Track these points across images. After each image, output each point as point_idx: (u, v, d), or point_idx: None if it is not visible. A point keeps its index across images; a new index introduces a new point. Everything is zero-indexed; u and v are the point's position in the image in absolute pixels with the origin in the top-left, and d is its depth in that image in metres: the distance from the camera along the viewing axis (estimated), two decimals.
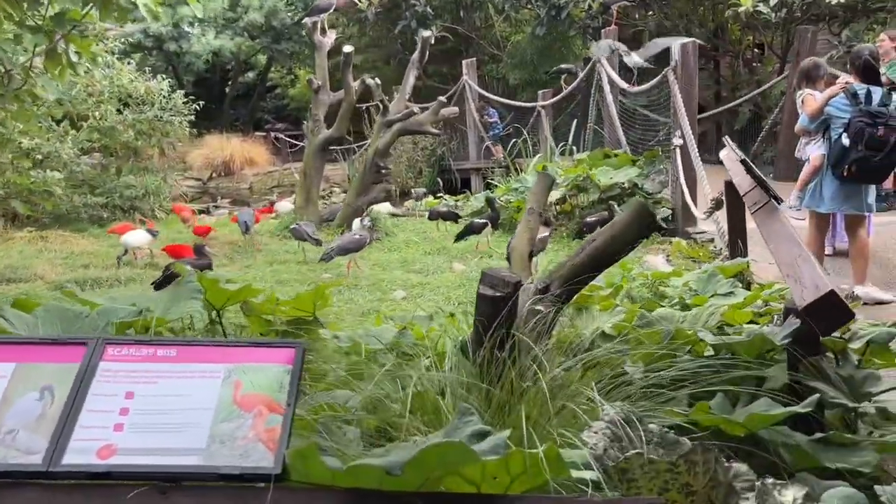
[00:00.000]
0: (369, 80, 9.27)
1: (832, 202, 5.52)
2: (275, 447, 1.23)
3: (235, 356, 1.37)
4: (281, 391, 1.32)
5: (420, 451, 1.14)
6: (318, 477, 1.19)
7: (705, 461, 1.43)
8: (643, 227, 2.81)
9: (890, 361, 3.33)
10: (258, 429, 1.27)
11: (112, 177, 11.06)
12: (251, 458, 1.23)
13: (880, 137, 5.01)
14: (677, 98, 7.20)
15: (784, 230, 3.12)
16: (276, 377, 1.33)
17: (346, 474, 1.16)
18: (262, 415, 1.28)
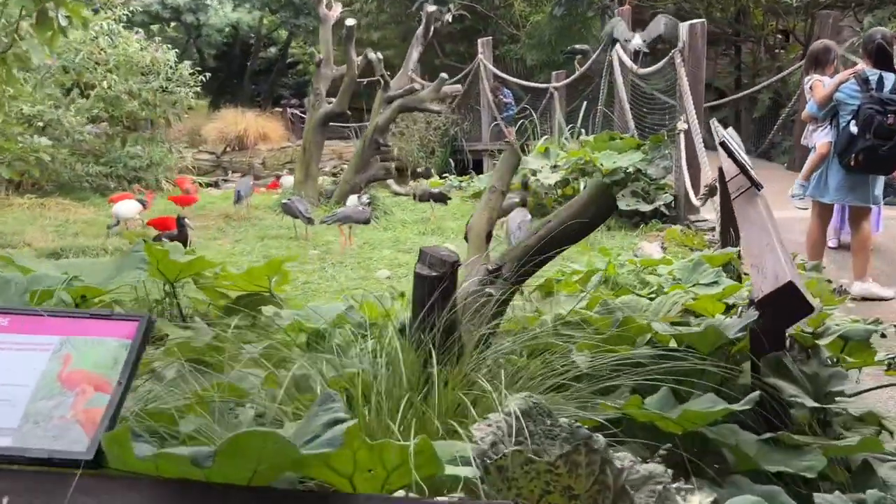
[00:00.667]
0: (371, 54, 9.11)
1: (837, 192, 5.30)
2: (93, 430, 1.12)
3: (72, 328, 1.25)
4: (114, 368, 1.20)
5: (229, 441, 1.01)
6: (135, 465, 1.07)
7: (589, 462, 1.29)
8: (602, 208, 2.66)
9: (868, 360, 3.17)
10: (77, 409, 1.15)
11: (117, 146, 11.03)
12: (64, 440, 1.11)
13: (890, 126, 4.78)
14: (683, 81, 6.97)
15: (758, 218, 2.95)
16: (111, 352, 1.21)
17: (150, 463, 1.05)
18: (85, 393, 1.16)
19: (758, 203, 3.10)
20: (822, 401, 2.53)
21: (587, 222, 2.67)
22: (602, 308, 3.01)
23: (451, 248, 2.35)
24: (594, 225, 2.71)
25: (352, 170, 8.86)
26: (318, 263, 5.95)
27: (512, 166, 3.14)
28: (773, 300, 2.26)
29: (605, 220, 2.69)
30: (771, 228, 2.78)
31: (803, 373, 2.60)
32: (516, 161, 3.15)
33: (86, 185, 10.12)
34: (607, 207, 2.66)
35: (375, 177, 8.72)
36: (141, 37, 11.32)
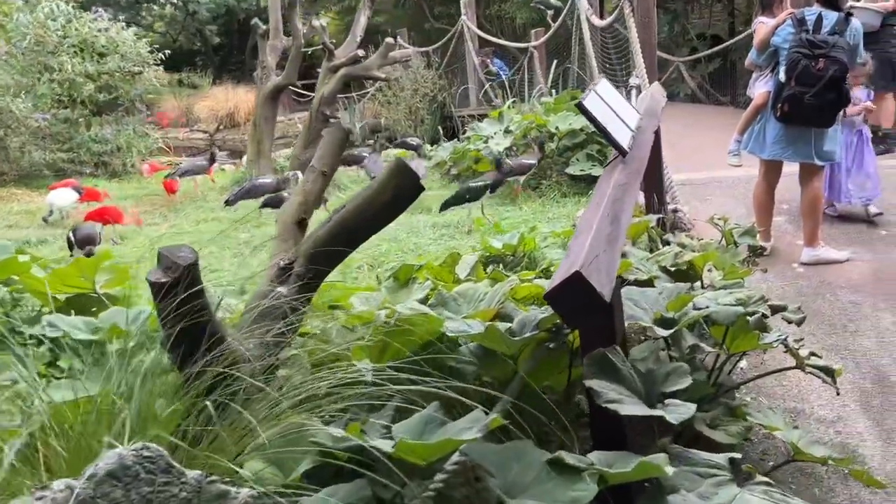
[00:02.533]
0: (316, 21, 8.70)
1: (774, 146, 4.85)
2: None
3: None
4: None
5: None
6: None
7: None
8: (403, 190, 2.30)
9: (749, 343, 2.81)
10: None
11: (82, 131, 10.81)
12: None
13: (817, 71, 4.30)
14: (632, 32, 6.48)
15: (599, 192, 2.57)
16: None
17: None
18: None
19: (613, 174, 2.72)
20: (654, 403, 2.20)
21: (387, 207, 2.32)
22: (435, 300, 2.68)
23: (191, 248, 2.02)
24: (396, 209, 2.35)
25: (301, 145, 8.51)
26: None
27: (335, 142, 2.78)
28: (561, 293, 1.91)
29: (410, 202, 2.33)
30: (606, 202, 2.40)
31: (637, 371, 2.25)
32: (342, 137, 2.79)
33: (47, 172, 9.93)
34: (410, 188, 2.29)
35: None
36: (99, 15, 11.01)
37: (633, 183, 2.74)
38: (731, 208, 6.23)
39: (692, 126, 11.08)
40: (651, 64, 6.53)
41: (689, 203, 6.42)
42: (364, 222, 2.32)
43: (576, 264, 1.92)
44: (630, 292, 2.74)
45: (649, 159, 4.48)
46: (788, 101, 4.36)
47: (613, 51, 8.24)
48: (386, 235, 5.83)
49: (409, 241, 5.56)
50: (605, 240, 2.17)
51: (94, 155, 10.67)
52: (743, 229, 4.44)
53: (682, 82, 14.24)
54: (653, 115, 3.89)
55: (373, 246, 5.58)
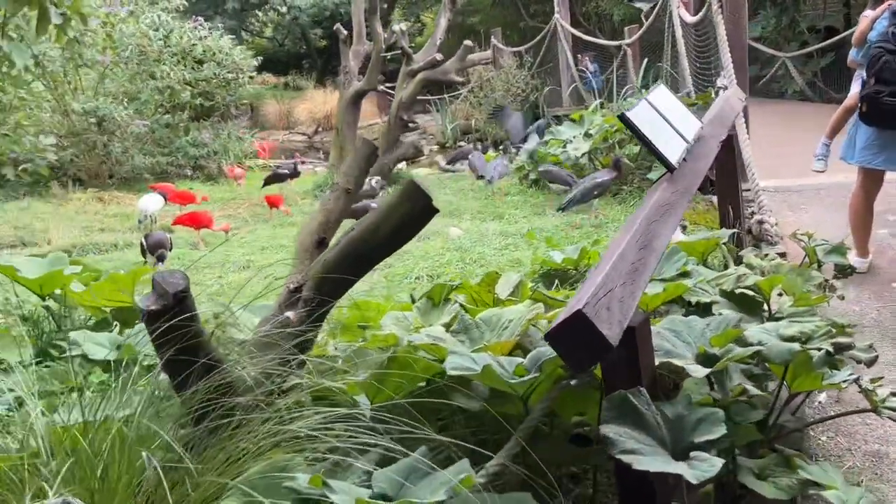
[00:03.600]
0: (396, 26, 8.66)
1: (863, 152, 4.40)
2: None
3: None
4: None
5: None
6: None
7: None
8: (414, 212, 2.17)
9: (813, 383, 2.51)
10: None
11: (181, 136, 11.28)
12: None
13: (892, 67, 3.87)
14: (720, 30, 6.07)
15: (639, 211, 2.35)
16: None
17: None
18: None
19: (656, 192, 2.48)
20: (678, 454, 1.97)
21: (397, 231, 2.19)
22: (458, 326, 2.53)
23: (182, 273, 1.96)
24: (407, 233, 2.22)
25: (380, 150, 8.51)
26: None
27: (363, 158, 2.68)
28: (561, 334, 1.72)
29: (422, 226, 2.20)
30: (639, 225, 2.18)
31: (664, 416, 2.03)
32: (370, 153, 2.69)
33: (148, 176, 10.42)
34: (422, 210, 2.16)
35: (405, 156, 8.34)
36: (199, 24, 11.46)
37: (678, 202, 2.49)
38: (827, 219, 5.75)
39: (796, 127, 10.37)
40: (741, 63, 6.11)
41: (779, 213, 5.96)
42: (373, 246, 2.21)
43: (581, 301, 1.73)
44: (673, 323, 2.50)
45: (724, 169, 4.16)
46: (867, 101, 3.94)
47: (704, 49, 7.77)
48: (451, 245, 5.72)
49: (473, 251, 5.42)
50: (626, 270, 1.96)
51: (191, 159, 11.12)
52: (830, 246, 4.03)
53: (791, 79, 13.38)
54: (722, 122, 3.58)
55: (437, 254, 5.48)
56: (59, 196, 9.51)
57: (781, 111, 12.38)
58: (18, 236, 7.05)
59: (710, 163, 3.06)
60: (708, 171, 4.55)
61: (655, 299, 3.19)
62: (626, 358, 2.05)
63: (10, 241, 6.95)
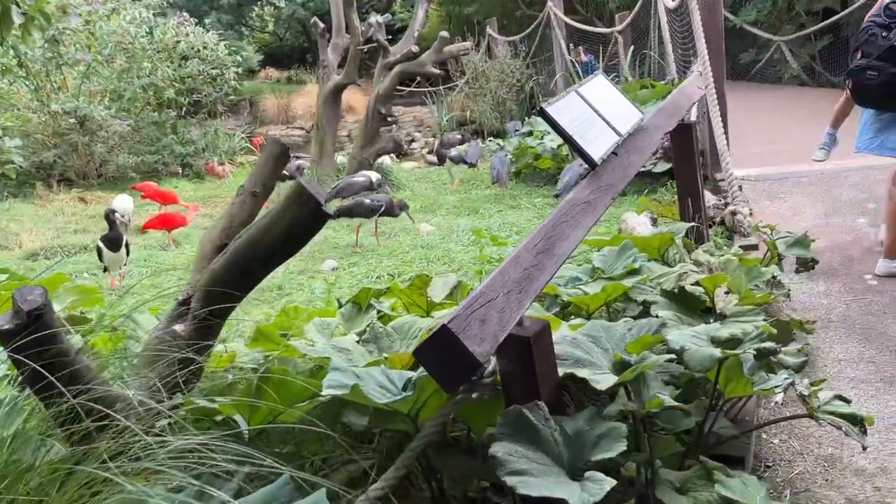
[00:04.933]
0: (373, 17, 8.52)
1: (862, 136, 4.20)
2: None
3: None
4: None
5: None
6: None
7: None
8: (302, 217, 2.05)
9: (743, 388, 2.37)
10: None
11: (168, 133, 11.20)
12: None
13: (884, 40, 3.67)
14: (695, 15, 5.88)
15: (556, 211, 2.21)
16: None
17: None
18: None
19: (580, 191, 2.34)
20: (576, 473, 1.85)
21: (285, 239, 2.07)
22: (368, 335, 2.41)
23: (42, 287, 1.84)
24: (296, 241, 2.10)
25: (358, 144, 8.39)
26: None
27: (272, 157, 2.56)
28: (428, 351, 1.60)
29: (314, 230, 2.07)
30: (543, 227, 2.04)
31: (563, 432, 1.91)
32: (278, 154, 2.56)
33: (133, 175, 10.34)
34: (310, 215, 2.03)
35: (384, 150, 8.20)
36: (184, 20, 11.35)
37: (598, 201, 2.35)
38: (806, 209, 5.58)
39: (791, 113, 10.14)
40: (717, 50, 5.91)
41: (758, 202, 5.80)
42: (261, 254, 2.09)
43: (452, 314, 1.61)
44: (593, 328, 2.37)
45: (681, 161, 4.00)
46: (851, 76, 3.75)
47: (686, 35, 7.57)
48: (419, 241, 5.60)
49: (440, 248, 5.29)
50: (515, 278, 1.83)
51: (178, 157, 11.04)
52: (793, 239, 3.88)
53: (787, 64, 13.12)
54: (672, 112, 3.43)
55: (402, 252, 5.36)
56: (43, 197, 9.47)
57: (777, 97, 12.15)
58: None
59: (648, 156, 2.92)
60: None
61: (595, 300, 3.06)
62: (521, 370, 1.93)
63: None
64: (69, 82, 10.58)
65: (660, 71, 9.60)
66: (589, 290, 3.14)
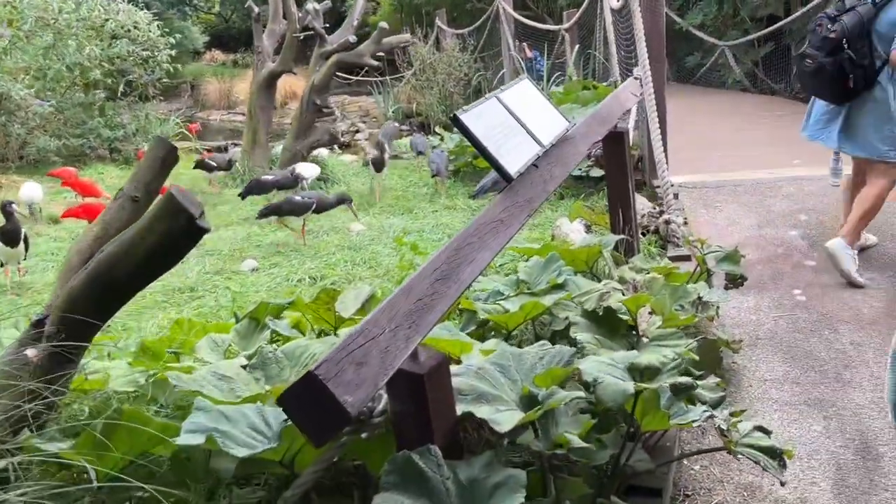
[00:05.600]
0: (309, 4, 8.21)
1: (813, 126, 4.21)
2: None
3: None
4: None
5: None
6: None
7: None
8: (174, 232, 1.81)
9: (660, 422, 2.23)
10: None
11: (96, 116, 10.66)
12: None
13: (826, 34, 3.69)
14: (636, 17, 5.78)
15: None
16: None
17: None
18: None
19: (493, 207, 2.15)
20: None
21: (155, 255, 1.83)
22: (256, 360, 2.18)
23: None
24: (170, 256, 1.86)
25: (291, 136, 8.09)
26: None
27: (156, 160, 2.30)
28: (295, 398, 1.39)
29: (188, 246, 1.84)
30: (443, 251, 1.85)
31: (457, 480, 1.72)
32: (165, 156, 2.31)
33: (55, 159, 9.80)
34: (183, 229, 1.80)
35: (319, 142, 7.92)
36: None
37: (513, 217, 2.17)
38: (741, 218, 5.53)
39: (731, 119, 10.20)
40: (657, 53, 5.82)
41: (693, 211, 5.74)
42: (125, 273, 1.84)
43: (321, 358, 1.40)
44: (502, 356, 2.19)
45: (611, 169, 3.87)
46: (796, 62, 3.77)
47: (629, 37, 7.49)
48: (346, 242, 5.37)
49: (367, 250, 5.06)
50: (406, 311, 1.63)
51: (105, 141, 10.52)
52: (723, 254, 3.79)
53: (730, 69, 13.25)
54: (603, 120, 3.28)
55: (328, 253, 5.12)
56: None
57: (720, 101, 12.25)
58: None
59: (573, 168, 2.75)
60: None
61: (514, 318, 2.90)
62: (413, 410, 1.74)
63: None
64: None
65: (605, 72, 9.53)
66: (509, 307, 2.98)
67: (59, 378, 1.87)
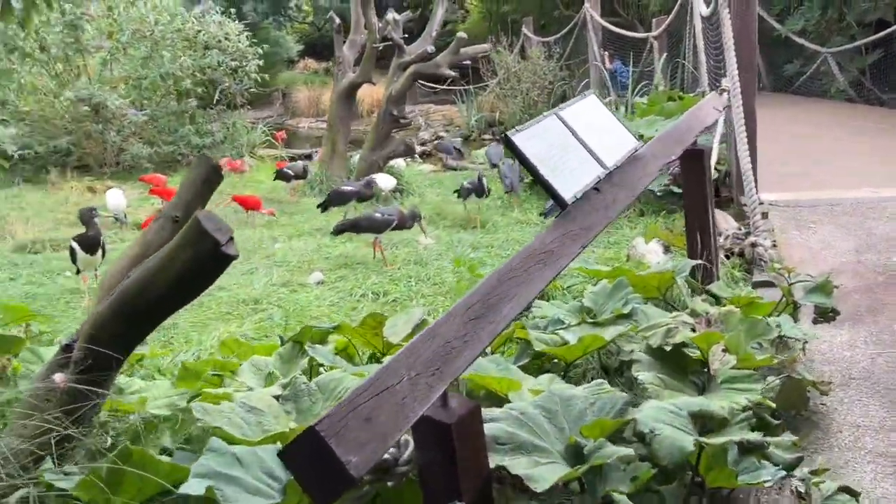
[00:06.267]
0: (390, 15, 8.18)
1: None
2: None
3: None
4: None
5: None
6: None
7: None
8: (199, 259, 1.73)
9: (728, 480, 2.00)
10: None
11: (186, 124, 11.03)
12: None
13: None
14: (725, 25, 5.45)
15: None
16: None
17: None
18: None
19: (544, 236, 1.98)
20: None
21: (181, 281, 1.76)
22: (289, 391, 2.09)
23: None
24: (196, 284, 1.78)
25: (368, 146, 8.08)
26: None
27: (200, 184, 2.25)
28: (298, 454, 1.27)
29: (215, 274, 1.76)
30: (481, 286, 1.70)
31: None
32: (208, 176, 2.25)
33: (148, 165, 10.16)
34: (208, 256, 1.72)
35: (395, 153, 7.87)
36: (206, 9, 11.15)
37: (564, 248, 2.00)
38: (836, 241, 5.11)
39: (831, 131, 9.56)
40: (748, 63, 5.47)
41: (785, 232, 5.34)
42: (151, 301, 1.77)
43: (326, 415, 1.27)
44: (550, 399, 2.01)
45: (689, 191, 3.60)
46: None
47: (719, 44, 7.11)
48: (411, 256, 5.26)
49: (434, 266, 4.95)
50: (431, 356, 1.49)
51: (194, 148, 10.86)
52: (813, 284, 3.46)
53: (834, 77, 12.47)
54: (679, 138, 3.04)
55: (392, 269, 5.02)
56: (54, 184, 9.35)
57: (821, 112, 11.53)
58: None
59: (640, 190, 2.54)
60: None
61: (571, 351, 2.71)
62: (440, 462, 1.59)
63: None
64: (92, 69, 10.47)
65: (694, 82, 9.11)
66: (569, 338, 2.78)
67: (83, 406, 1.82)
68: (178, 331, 4.02)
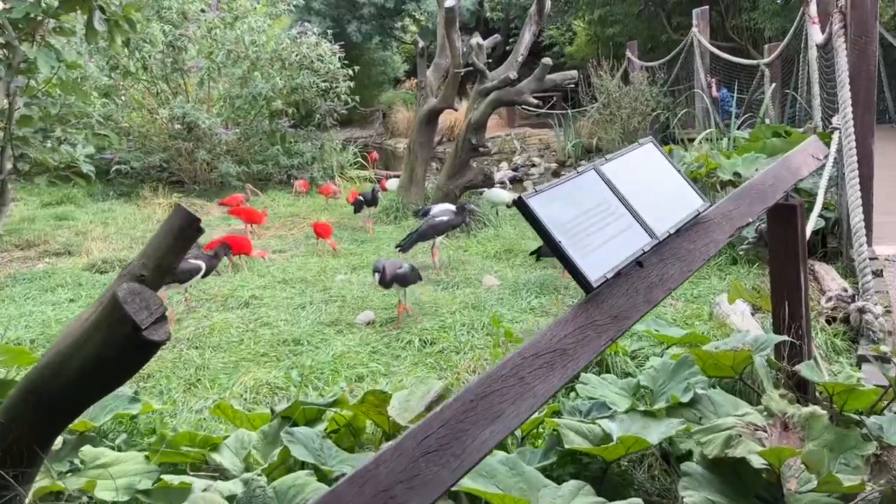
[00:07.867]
0: (473, 39, 7.84)
1: None
2: None
3: None
4: None
5: None
6: None
7: None
8: (112, 344, 1.43)
9: None
10: None
11: (276, 143, 11.12)
12: None
13: None
14: (840, 55, 4.82)
15: None
16: None
17: None
18: None
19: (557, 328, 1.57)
20: None
21: (93, 369, 1.46)
22: (243, 495, 1.75)
23: None
24: (112, 372, 1.48)
25: (445, 174, 7.74)
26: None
27: (171, 237, 1.96)
28: None
29: (133, 363, 1.46)
30: (471, 394, 1.30)
31: None
32: (184, 224, 1.96)
33: (236, 184, 10.26)
34: (124, 342, 1.41)
35: (472, 183, 7.51)
36: (304, 30, 11.24)
37: (583, 346, 1.57)
38: None
39: None
40: (865, 99, 4.82)
41: None
42: (58, 390, 1.48)
43: None
44: None
45: (777, 256, 3.04)
46: None
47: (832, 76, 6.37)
48: (472, 298, 4.86)
49: (490, 311, 4.54)
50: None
51: (283, 168, 10.92)
52: None
53: None
54: (762, 195, 2.53)
55: (448, 311, 4.64)
56: (145, 200, 9.58)
57: None
58: (66, 244, 6.97)
59: (700, 264, 2.07)
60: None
61: (609, 452, 2.25)
62: None
63: (56, 249, 6.89)
64: (191, 88, 10.73)
65: (806, 116, 8.30)
66: (612, 430, 2.33)
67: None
68: (209, 371, 3.80)
